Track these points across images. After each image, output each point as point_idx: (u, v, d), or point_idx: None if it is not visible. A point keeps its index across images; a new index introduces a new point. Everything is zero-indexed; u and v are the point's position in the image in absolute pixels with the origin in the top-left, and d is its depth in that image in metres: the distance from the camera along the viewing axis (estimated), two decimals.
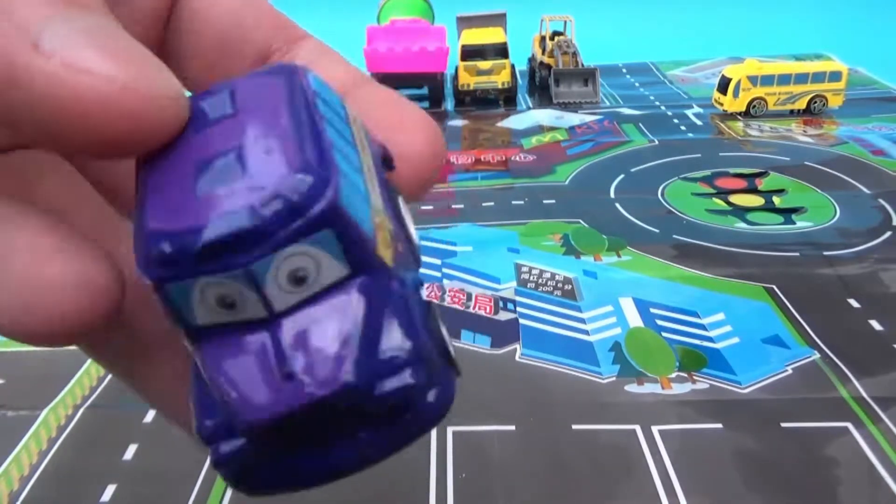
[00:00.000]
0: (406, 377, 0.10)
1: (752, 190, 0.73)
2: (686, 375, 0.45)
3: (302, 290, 0.10)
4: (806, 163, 0.79)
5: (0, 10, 0.09)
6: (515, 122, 0.99)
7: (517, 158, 0.85)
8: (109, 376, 0.46)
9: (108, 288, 0.11)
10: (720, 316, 0.51)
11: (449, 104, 1.07)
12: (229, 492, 0.38)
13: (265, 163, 0.10)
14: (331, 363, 0.10)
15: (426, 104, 1.05)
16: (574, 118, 0.98)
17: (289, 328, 0.10)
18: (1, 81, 0.09)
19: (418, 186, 0.13)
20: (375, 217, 0.11)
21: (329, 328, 0.10)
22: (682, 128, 0.93)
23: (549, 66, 1.08)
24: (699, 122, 0.95)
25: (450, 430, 0.41)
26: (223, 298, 0.10)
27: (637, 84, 1.14)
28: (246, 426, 0.10)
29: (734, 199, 0.71)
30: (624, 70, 1.21)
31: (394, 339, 0.10)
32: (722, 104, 0.96)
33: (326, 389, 0.10)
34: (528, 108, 1.05)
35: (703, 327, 0.50)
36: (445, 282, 0.57)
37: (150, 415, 0.43)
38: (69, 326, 0.10)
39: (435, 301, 0.12)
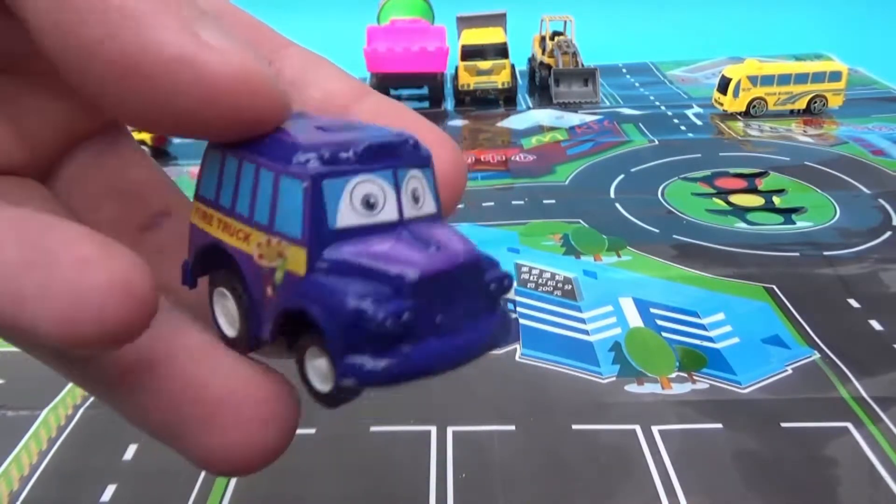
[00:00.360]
0: (501, 270, 0.13)
1: (752, 190, 0.73)
2: (686, 375, 0.45)
3: (417, 208, 0.13)
4: (806, 163, 0.79)
5: (166, 4, 0.11)
6: (515, 122, 0.99)
7: (517, 158, 0.85)
8: None
9: (148, 293, 0.11)
10: (720, 316, 0.51)
11: (449, 104, 1.07)
12: (229, 492, 0.38)
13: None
14: (462, 243, 0.12)
15: (426, 104, 1.05)
16: (574, 118, 0.98)
17: (418, 227, 0.13)
18: (171, 65, 0.10)
19: (448, 203, 0.14)
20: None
21: (448, 231, 0.13)
22: (682, 128, 0.93)
23: (549, 66, 1.08)
24: (699, 122, 0.95)
25: (450, 430, 0.41)
26: (368, 198, 0.12)
27: (637, 84, 1.14)
28: (412, 280, 0.11)
29: (734, 199, 0.71)
30: (624, 70, 1.21)
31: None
32: (722, 104, 0.96)
33: (464, 256, 0.12)
34: (528, 108, 1.05)
35: (703, 327, 0.50)
36: None
37: None
38: (113, 332, 0.10)
39: None
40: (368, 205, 0.12)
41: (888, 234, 0.63)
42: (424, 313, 0.12)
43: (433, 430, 0.42)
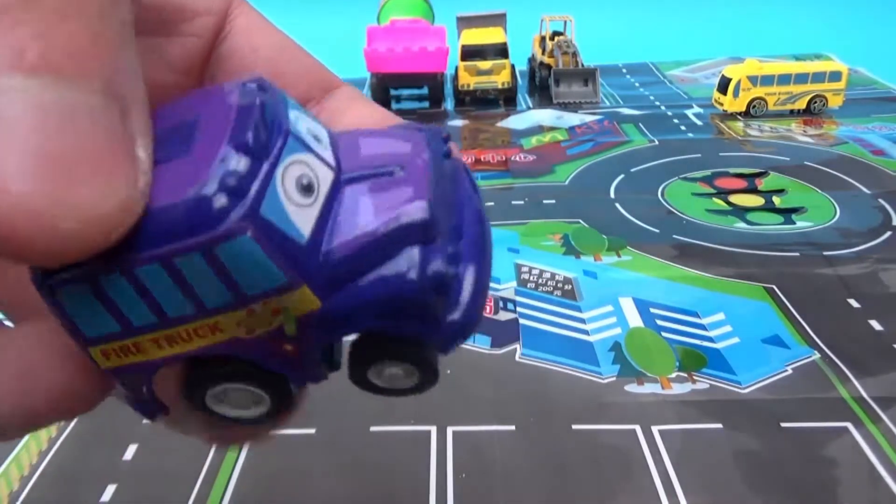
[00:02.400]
0: (434, 128, 0.12)
1: (752, 190, 0.73)
2: (686, 375, 0.45)
3: (323, 145, 0.11)
4: (806, 163, 0.79)
5: None
6: (515, 122, 0.99)
7: (517, 158, 0.85)
8: None
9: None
10: (720, 316, 0.51)
11: (449, 104, 1.07)
12: (229, 492, 0.38)
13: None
14: (405, 145, 0.11)
15: (426, 104, 1.05)
16: (574, 118, 0.98)
17: (353, 162, 0.11)
18: None
19: None
20: None
21: (373, 140, 0.12)
22: (682, 128, 0.93)
23: (549, 66, 1.08)
24: (699, 122, 0.95)
25: (450, 430, 0.41)
26: (301, 182, 0.10)
27: (637, 84, 1.14)
28: (426, 217, 0.10)
29: (734, 199, 0.71)
30: (624, 70, 1.21)
31: None
32: (722, 104, 0.96)
33: (423, 154, 0.11)
34: (528, 108, 1.05)
35: (703, 327, 0.50)
36: None
37: None
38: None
39: None
40: (306, 189, 0.10)
41: (888, 234, 0.63)
42: (448, 231, 0.11)
43: (433, 430, 0.42)
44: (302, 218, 0.10)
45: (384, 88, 1.02)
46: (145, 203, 0.09)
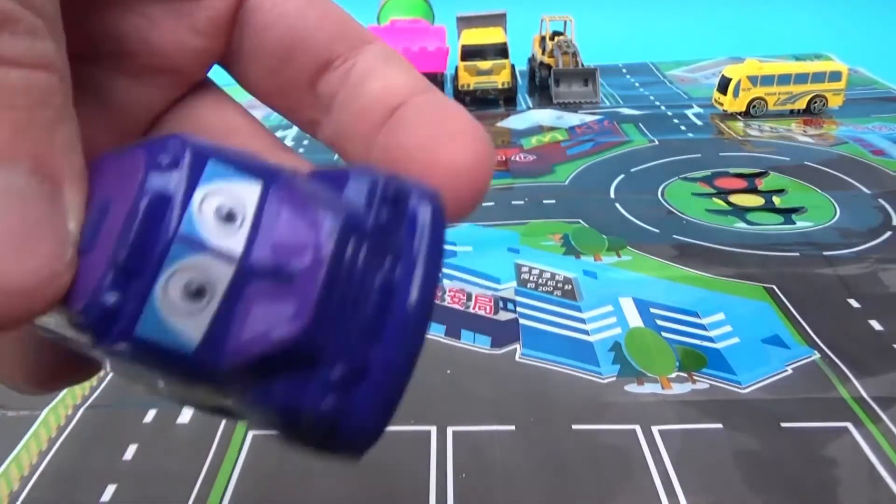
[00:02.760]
0: (373, 177, 0.11)
1: (752, 190, 0.73)
2: (686, 375, 0.45)
3: (239, 222, 0.10)
4: (806, 163, 0.79)
5: None
6: (515, 122, 0.99)
7: (517, 158, 0.85)
8: (110, 376, 0.46)
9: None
10: (720, 316, 0.51)
11: None
12: (229, 491, 0.38)
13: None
14: (312, 234, 0.10)
15: None
16: (574, 118, 0.98)
17: (260, 255, 0.10)
18: None
19: (460, 203, 0.13)
20: None
21: (289, 216, 0.10)
22: (682, 128, 0.93)
23: (549, 66, 1.08)
24: (699, 122, 0.95)
25: (450, 430, 0.41)
26: (188, 289, 0.09)
27: (637, 84, 1.14)
28: (296, 337, 0.09)
29: (734, 199, 0.71)
30: (624, 70, 1.21)
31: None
32: (722, 104, 0.96)
33: (327, 248, 0.10)
34: (528, 108, 1.05)
35: (703, 327, 0.50)
36: (445, 282, 0.57)
37: (151, 415, 0.43)
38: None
39: None
40: (196, 294, 0.09)
41: (888, 234, 0.63)
42: (342, 342, 0.10)
43: (433, 430, 0.42)
44: (189, 326, 0.09)
45: None
46: (71, 274, 0.10)
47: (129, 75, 0.15)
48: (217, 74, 0.16)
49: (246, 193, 0.10)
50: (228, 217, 0.10)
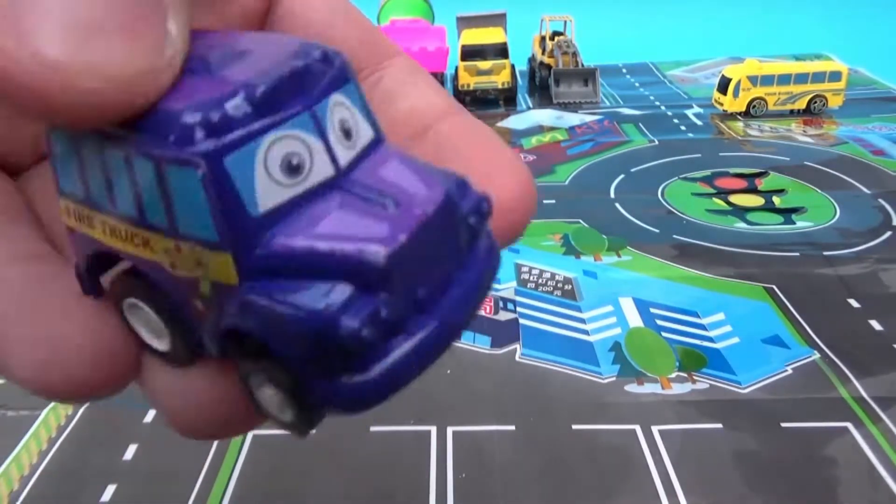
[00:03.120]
0: (475, 193, 0.10)
1: (752, 190, 0.73)
2: (686, 375, 0.45)
3: (351, 145, 0.10)
4: (806, 163, 0.79)
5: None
6: (515, 122, 0.99)
7: None
8: None
9: (122, 366, 0.11)
10: (720, 316, 0.51)
11: None
12: (229, 491, 0.38)
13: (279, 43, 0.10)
14: (423, 181, 0.10)
15: None
16: (574, 118, 0.98)
17: (363, 174, 0.10)
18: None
19: (509, 233, 0.13)
20: None
21: (398, 161, 0.10)
22: (682, 128, 0.93)
23: (549, 66, 1.08)
24: (699, 122, 0.95)
25: (450, 430, 0.41)
26: (290, 160, 0.09)
27: (637, 84, 1.14)
28: (379, 264, 0.09)
29: (734, 199, 0.71)
30: (624, 70, 1.21)
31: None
32: (722, 104, 0.96)
33: (433, 203, 0.09)
34: (528, 108, 1.05)
35: (703, 327, 0.50)
36: None
37: (150, 414, 0.43)
38: (81, 393, 0.10)
39: None
40: (292, 168, 0.09)
41: (888, 234, 0.63)
42: (404, 295, 0.09)
43: (433, 430, 0.42)
44: (267, 192, 0.09)
45: None
46: (171, 76, 0.09)
47: None
48: None
49: (364, 131, 0.10)
50: (346, 133, 0.10)
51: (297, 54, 0.10)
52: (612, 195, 0.73)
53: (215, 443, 0.41)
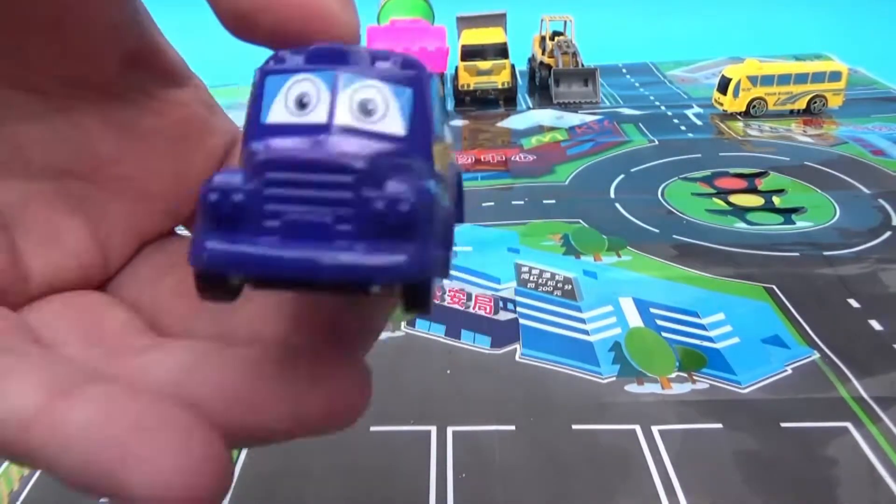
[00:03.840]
0: (406, 190, 0.11)
1: (752, 190, 0.73)
2: (686, 375, 0.45)
3: (365, 120, 0.11)
4: (806, 163, 0.79)
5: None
6: (515, 122, 0.99)
7: (517, 158, 0.85)
8: None
9: (225, 479, 0.10)
10: (720, 316, 0.51)
11: (449, 104, 1.07)
12: (229, 492, 0.38)
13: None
14: (358, 147, 0.11)
15: None
16: (574, 118, 0.98)
17: (344, 133, 0.11)
18: None
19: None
20: (443, 140, 0.12)
21: (378, 143, 0.11)
22: (682, 128, 0.93)
23: (549, 66, 1.08)
24: (699, 122, 0.95)
25: (450, 430, 0.41)
26: (301, 97, 0.11)
27: (637, 84, 1.14)
28: (257, 161, 0.11)
29: (734, 199, 0.71)
30: (624, 70, 1.21)
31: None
32: (722, 104, 0.96)
33: (335, 156, 0.11)
34: (528, 108, 1.05)
35: (703, 327, 0.50)
36: (445, 282, 0.57)
37: None
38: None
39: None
40: (301, 104, 0.11)
41: (888, 234, 0.63)
42: (266, 202, 0.10)
43: (433, 430, 0.42)
44: (275, 113, 0.12)
45: None
46: None
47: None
48: (212, 74, 0.16)
49: (393, 123, 0.12)
50: (364, 110, 0.11)
51: (356, 46, 0.12)
52: (612, 195, 0.73)
53: None
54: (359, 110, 0.11)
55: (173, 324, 0.15)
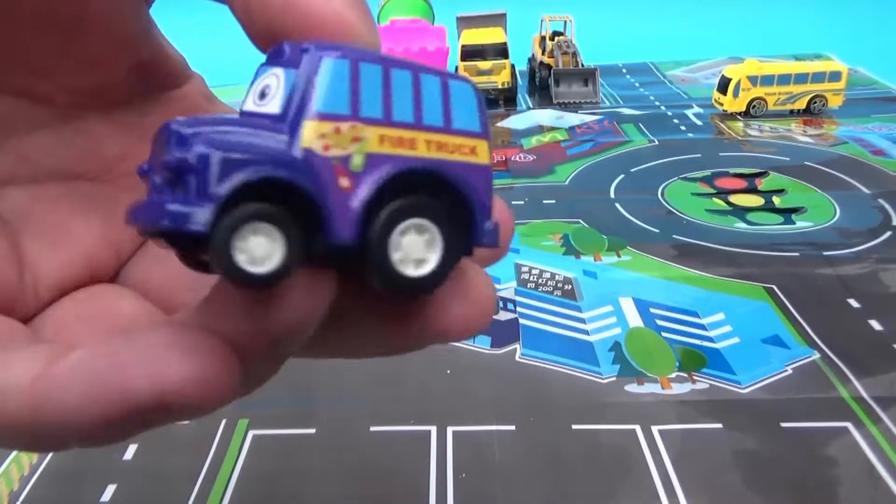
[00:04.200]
0: (185, 150, 0.12)
1: (752, 190, 0.73)
2: (686, 375, 0.45)
3: (259, 105, 0.13)
4: (806, 163, 0.79)
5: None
6: (515, 122, 0.99)
7: (517, 158, 0.85)
8: None
9: (222, 388, 0.11)
10: (720, 316, 0.51)
11: None
12: (229, 491, 0.38)
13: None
14: (189, 128, 0.12)
15: None
16: (574, 118, 0.98)
17: (244, 115, 0.13)
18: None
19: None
20: (339, 122, 0.12)
21: (223, 120, 0.12)
22: (682, 128, 0.93)
23: (549, 66, 1.08)
24: (699, 122, 0.95)
25: (450, 430, 0.41)
26: (265, 90, 0.13)
27: (637, 84, 1.14)
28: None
29: (734, 199, 0.71)
30: (624, 70, 1.21)
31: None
32: (722, 104, 0.96)
33: (166, 127, 0.12)
34: (528, 108, 1.05)
35: (703, 327, 0.50)
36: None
37: None
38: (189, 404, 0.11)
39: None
40: (263, 95, 0.13)
41: (888, 234, 0.63)
42: (152, 172, 0.12)
43: (433, 430, 0.42)
44: (247, 102, 0.13)
45: None
46: None
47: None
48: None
49: (279, 102, 0.13)
50: (262, 95, 0.13)
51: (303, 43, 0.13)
52: (612, 195, 0.73)
53: (215, 443, 0.41)
54: (258, 96, 0.13)
55: (188, 301, 0.15)
